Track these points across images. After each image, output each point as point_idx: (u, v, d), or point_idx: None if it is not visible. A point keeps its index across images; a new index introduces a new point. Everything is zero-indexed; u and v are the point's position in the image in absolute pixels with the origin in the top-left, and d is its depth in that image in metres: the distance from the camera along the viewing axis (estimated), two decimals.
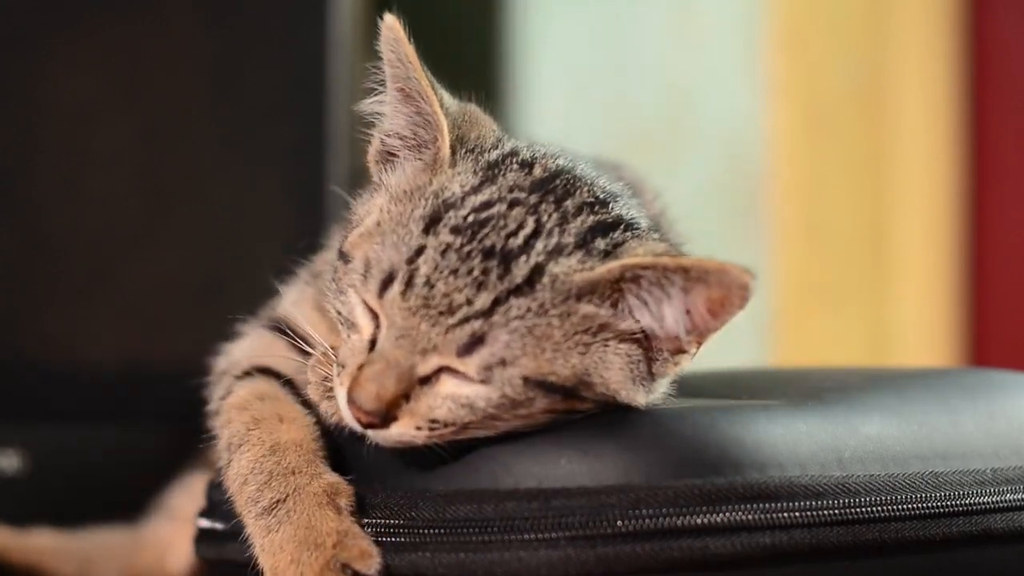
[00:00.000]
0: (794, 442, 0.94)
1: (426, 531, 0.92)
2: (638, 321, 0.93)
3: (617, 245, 0.93)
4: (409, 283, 0.91)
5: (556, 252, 0.92)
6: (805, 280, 2.25)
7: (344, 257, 0.97)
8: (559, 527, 0.89)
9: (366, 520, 0.94)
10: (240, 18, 1.71)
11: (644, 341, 0.93)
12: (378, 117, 1.01)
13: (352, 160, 1.64)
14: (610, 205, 0.97)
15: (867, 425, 0.98)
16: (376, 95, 1.00)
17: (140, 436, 1.61)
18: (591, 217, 0.94)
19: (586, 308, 0.92)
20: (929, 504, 0.96)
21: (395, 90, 0.99)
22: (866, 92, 2.29)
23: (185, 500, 1.37)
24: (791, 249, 2.23)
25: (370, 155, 1.02)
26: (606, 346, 0.92)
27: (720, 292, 0.90)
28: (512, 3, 2.35)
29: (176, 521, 1.38)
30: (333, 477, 0.95)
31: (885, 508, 0.94)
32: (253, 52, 1.71)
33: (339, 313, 0.96)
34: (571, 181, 0.97)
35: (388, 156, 1.01)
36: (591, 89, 2.34)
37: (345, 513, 0.93)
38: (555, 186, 0.96)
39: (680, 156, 2.26)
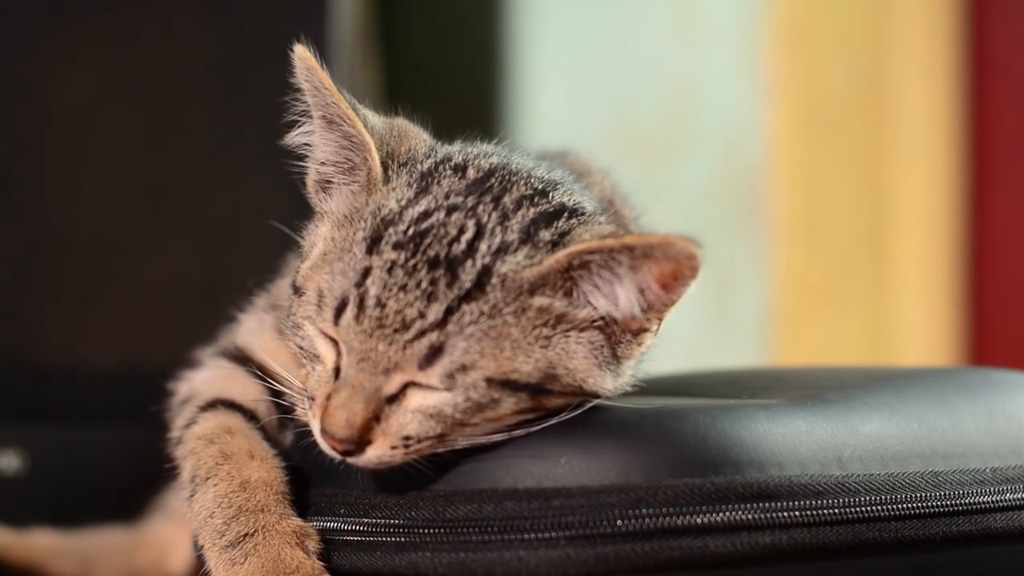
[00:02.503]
0: (794, 441, 0.94)
1: (426, 531, 0.92)
2: (595, 307, 0.92)
3: (563, 234, 0.93)
4: (361, 306, 0.90)
5: (501, 251, 0.92)
6: (805, 279, 2.25)
7: (298, 291, 0.97)
8: (559, 527, 0.89)
9: (366, 520, 0.94)
10: (240, 18, 1.71)
11: (604, 326, 0.93)
12: (308, 148, 1.01)
13: None
14: (550, 194, 0.96)
15: (867, 424, 0.98)
16: (301, 127, 1.01)
17: (140, 436, 1.61)
18: (532, 209, 0.94)
19: (540, 301, 0.92)
20: (929, 503, 0.96)
21: (319, 118, 0.99)
22: (866, 92, 2.29)
23: None
24: (791, 248, 2.23)
25: (309, 186, 1.02)
26: (567, 336, 0.92)
27: (669, 265, 0.90)
28: (511, 3, 2.34)
29: (176, 521, 1.38)
30: (301, 521, 0.95)
31: (885, 507, 0.94)
32: (253, 52, 1.71)
33: (301, 348, 0.96)
34: (507, 177, 0.97)
35: (325, 184, 1.01)
36: (591, 89, 2.34)
37: (314, 556, 0.93)
38: (491, 185, 0.96)
39: (680, 156, 2.26)
